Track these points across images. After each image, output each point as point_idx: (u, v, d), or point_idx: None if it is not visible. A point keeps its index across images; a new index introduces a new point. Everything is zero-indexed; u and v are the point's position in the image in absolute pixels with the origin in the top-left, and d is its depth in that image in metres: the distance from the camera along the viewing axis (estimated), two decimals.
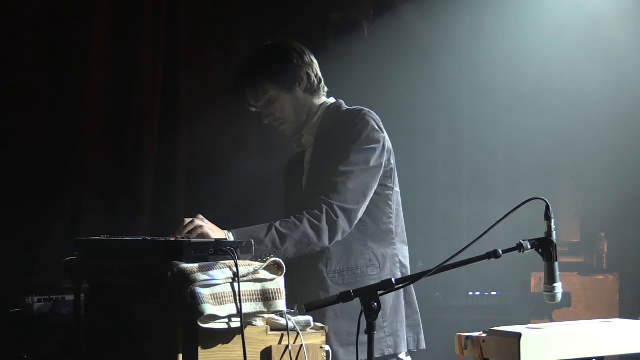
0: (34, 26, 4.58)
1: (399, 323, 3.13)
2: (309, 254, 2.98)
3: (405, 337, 3.15)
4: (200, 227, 2.74)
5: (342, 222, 2.97)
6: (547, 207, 2.49)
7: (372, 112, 3.16)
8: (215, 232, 2.75)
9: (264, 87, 3.16)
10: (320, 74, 3.25)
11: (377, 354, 3.02)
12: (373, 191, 3.08)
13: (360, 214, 3.04)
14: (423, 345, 3.22)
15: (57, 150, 4.62)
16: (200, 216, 2.80)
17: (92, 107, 4.73)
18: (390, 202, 3.16)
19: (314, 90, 3.22)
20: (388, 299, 3.08)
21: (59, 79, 4.65)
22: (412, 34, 5.65)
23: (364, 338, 2.41)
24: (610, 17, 5.36)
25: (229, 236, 2.79)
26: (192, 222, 2.75)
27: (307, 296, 3.00)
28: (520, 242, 2.47)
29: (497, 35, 5.73)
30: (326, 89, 3.28)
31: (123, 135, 4.84)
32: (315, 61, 3.25)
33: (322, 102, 3.24)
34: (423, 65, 5.55)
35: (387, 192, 3.15)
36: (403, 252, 3.21)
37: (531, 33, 5.49)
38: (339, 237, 2.99)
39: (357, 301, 2.40)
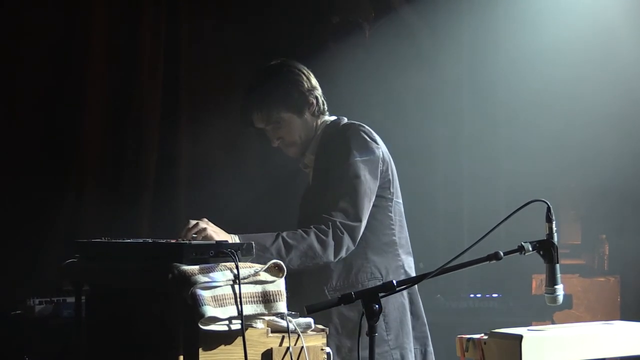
0: (34, 25, 4.58)
1: (405, 336, 3.11)
2: (312, 268, 2.97)
3: (413, 349, 3.13)
4: (204, 229, 2.73)
5: (347, 239, 2.96)
6: (548, 209, 2.49)
7: (363, 125, 3.15)
8: (219, 235, 2.74)
9: (277, 109, 3.13)
10: (322, 95, 3.24)
11: None
12: (371, 204, 3.07)
13: (362, 230, 3.03)
14: (432, 358, 3.20)
15: (56, 152, 4.62)
16: (205, 219, 2.79)
17: (92, 108, 4.73)
18: (390, 214, 3.15)
19: (320, 113, 3.22)
20: (393, 312, 3.07)
21: (59, 80, 4.65)
22: (412, 36, 5.66)
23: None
24: (611, 19, 5.36)
25: (235, 240, 2.78)
26: (196, 224, 2.75)
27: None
28: (521, 244, 2.47)
29: (498, 37, 5.74)
30: (326, 108, 3.27)
31: (123, 136, 4.84)
32: (317, 83, 3.25)
33: (322, 120, 3.24)
34: (423, 67, 5.55)
35: (386, 203, 3.14)
36: (409, 263, 3.19)
37: (531, 35, 5.49)
38: (342, 254, 2.98)
39: (358, 318, 2.39)
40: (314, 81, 3.22)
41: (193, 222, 2.76)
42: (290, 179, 3.52)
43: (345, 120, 3.25)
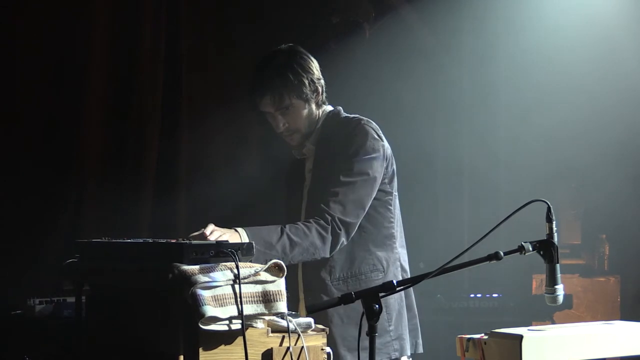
0: (35, 25, 4.58)
1: (403, 327, 3.15)
2: (309, 261, 3.01)
3: (409, 340, 3.17)
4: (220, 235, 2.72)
5: (343, 235, 3.00)
6: (549, 209, 2.49)
7: (371, 121, 3.18)
8: (232, 237, 2.73)
9: (289, 95, 3.12)
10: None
11: (384, 358, 3.07)
12: (371, 201, 3.09)
13: (357, 227, 3.06)
14: (420, 349, 3.25)
15: (57, 152, 4.62)
16: (212, 225, 2.77)
17: (92, 107, 4.73)
18: (390, 207, 3.18)
19: (322, 103, 3.24)
20: (393, 304, 3.11)
21: (60, 79, 4.65)
22: (413, 36, 5.66)
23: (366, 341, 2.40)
24: (611, 17, 5.37)
25: (243, 234, 2.78)
26: (212, 233, 2.71)
27: None
28: (521, 244, 2.47)
29: (498, 36, 5.73)
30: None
31: (124, 136, 4.84)
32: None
33: (322, 109, 3.25)
34: (424, 67, 5.55)
35: (387, 197, 3.17)
36: (404, 257, 3.24)
37: (532, 34, 5.49)
38: (336, 250, 3.02)
39: (362, 308, 2.39)
40: (319, 70, 3.22)
41: (208, 230, 2.70)
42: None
43: (341, 110, 3.26)
